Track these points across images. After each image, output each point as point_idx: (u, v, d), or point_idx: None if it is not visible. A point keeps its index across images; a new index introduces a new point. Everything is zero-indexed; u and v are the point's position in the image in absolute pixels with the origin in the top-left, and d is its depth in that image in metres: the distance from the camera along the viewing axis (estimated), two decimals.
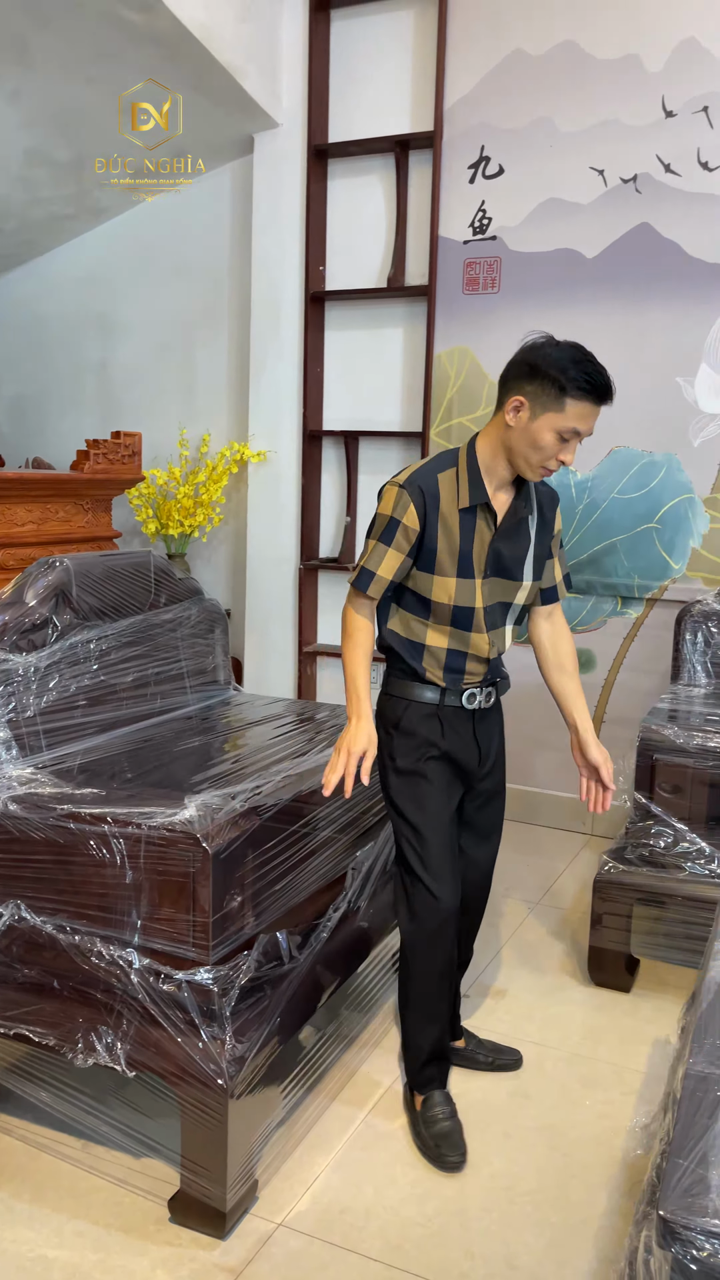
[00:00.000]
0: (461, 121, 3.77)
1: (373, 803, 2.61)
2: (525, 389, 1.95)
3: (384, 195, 4.02)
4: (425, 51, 3.83)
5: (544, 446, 1.96)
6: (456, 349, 3.91)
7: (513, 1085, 2.35)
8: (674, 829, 2.76)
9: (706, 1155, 1.23)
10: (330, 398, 4.25)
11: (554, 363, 1.92)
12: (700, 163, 3.44)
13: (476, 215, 3.80)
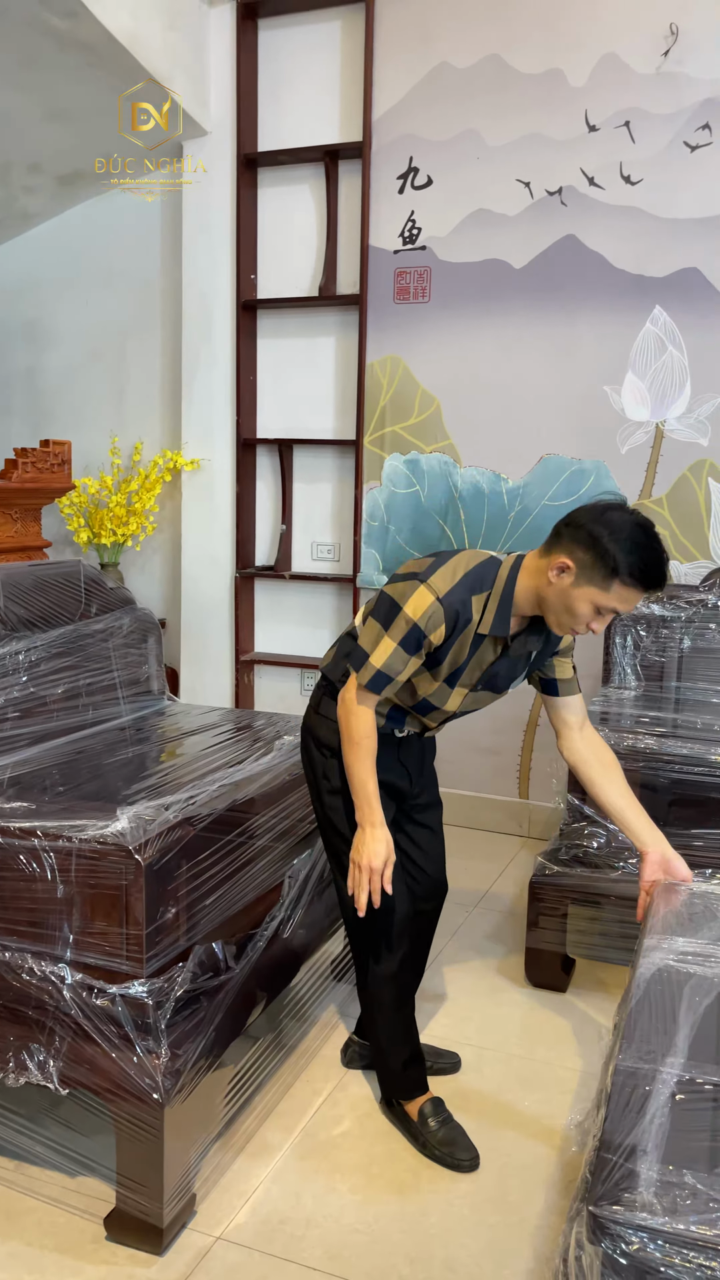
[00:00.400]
0: (390, 132, 3.80)
1: (309, 810, 2.61)
2: (577, 555, 1.85)
3: (314, 204, 4.03)
4: (353, 62, 3.86)
5: (579, 615, 1.90)
6: (389, 358, 3.93)
7: (451, 1088, 2.36)
8: (606, 829, 2.80)
9: (635, 1150, 1.25)
10: (264, 405, 4.25)
11: (616, 542, 1.81)
12: (623, 176, 3.51)
13: (406, 225, 3.84)
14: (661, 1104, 1.34)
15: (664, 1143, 1.26)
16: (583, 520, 1.87)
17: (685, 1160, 1.24)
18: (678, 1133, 1.30)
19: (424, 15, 3.70)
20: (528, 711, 3.93)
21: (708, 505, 3.57)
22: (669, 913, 1.95)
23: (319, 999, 2.73)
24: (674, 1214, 1.15)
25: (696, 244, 3.45)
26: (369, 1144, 2.18)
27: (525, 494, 3.81)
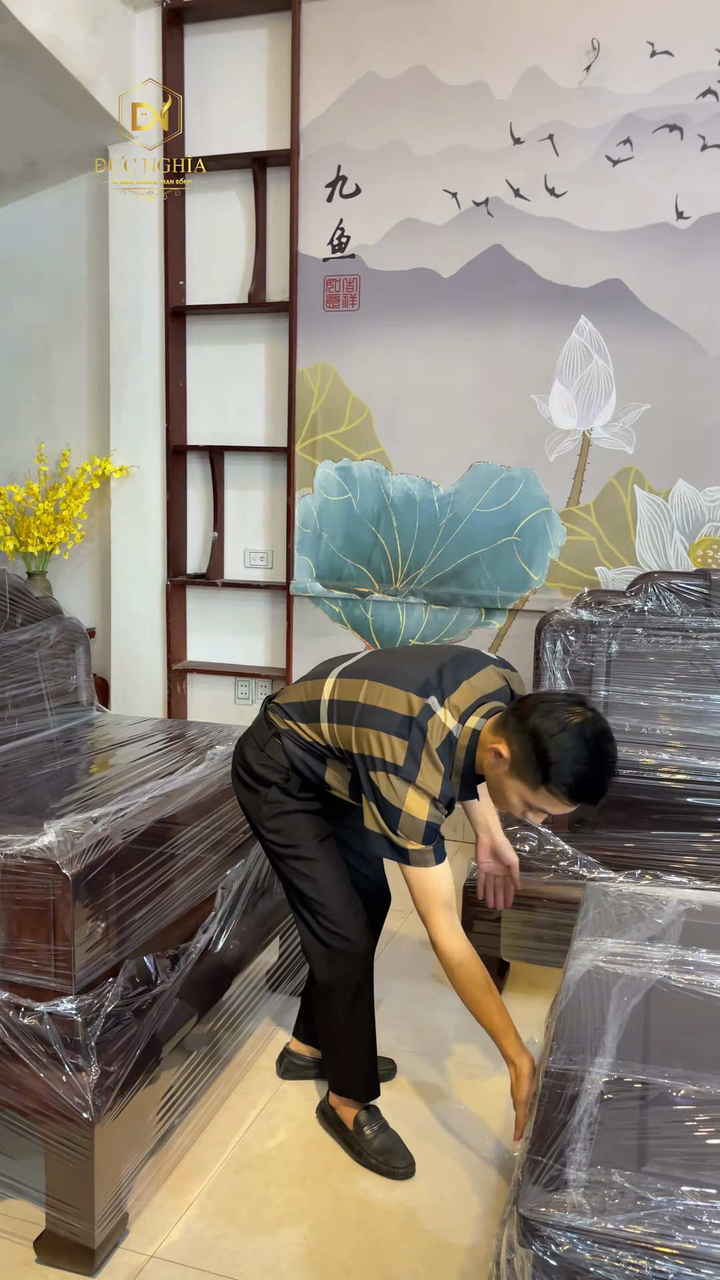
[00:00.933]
0: (318, 141, 3.81)
1: (243, 820, 2.59)
2: (513, 748, 1.83)
3: (243, 211, 4.02)
4: (280, 71, 3.86)
5: (510, 803, 1.90)
6: (319, 365, 3.94)
7: (387, 1096, 2.35)
8: (539, 833, 2.83)
9: (564, 1152, 1.26)
10: (194, 412, 4.22)
11: (556, 747, 1.78)
12: (548, 189, 3.57)
13: (335, 233, 3.85)
14: (590, 1104, 1.35)
15: (593, 1143, 1.28)
16: (531, 713, 1.83)
17: (614, 1160, 1.25)
18: (607, 1132, 1.31)
19: (350, 26, 3.71)
20: None
21: (633, 512, 3.63)
22: (598, 914, 1.97)
23: (254, 1010, 2.70)
24: (602, 1214, 1.16)
25: (620, 256, 3.52)
26: (305, 1155, 2.17)
27: (456, 501, 3.84)
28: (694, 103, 3.38)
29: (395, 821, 1.90)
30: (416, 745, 1.89)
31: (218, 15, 3.90)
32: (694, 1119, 1.35)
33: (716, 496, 3.55)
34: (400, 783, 1.88)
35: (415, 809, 1.89)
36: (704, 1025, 1.60)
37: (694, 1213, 1.17)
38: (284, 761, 2.10)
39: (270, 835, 2.13)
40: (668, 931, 1.89)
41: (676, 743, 2.90)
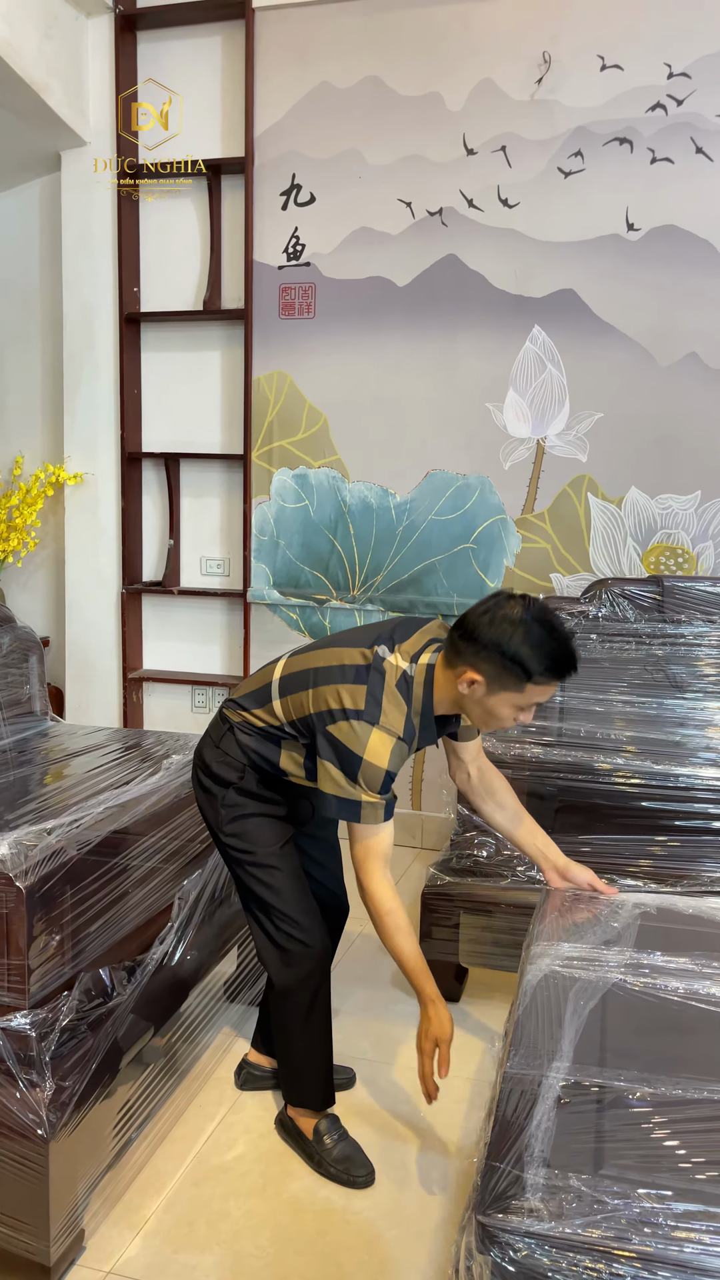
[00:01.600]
0: (272, 149, 3.81)
1: (199, 829, 2.57)
2: (483, 668, 1.86)
3: (197, 218, 4.01)
4: (234, 78, 3.86)
5: (502, 717, 1.92)
6: (275, 373, 3.93)
7: (346, 1105, 2.35)
8: (495, 839, 2.84)
9: (522, 1157, 1.27)
10: (149, 419, 4.20)
11: (518, 646, 1.83)
12: (501, 199, 3.60)
13: (290, 241, 3.85)
14: (548, 1109, 1.36)
15: (550, 1147, 1.28)
16: (478, 630, 1.86)
17: (571, 1164, 1.26)
18: (564, 1136, 1.32)
19: (303, 34, 3.72)
20: None
21: (587, 520, 3.67)
22: (554, 918, 1.99)
23: (212, 1021, 2.69)
24: (560, 1218, 1.17)
25: (572, 266, 3.56)
26: (264, 1166, 2.15)
27: (413, 509, 3.85)
28: (643, 116, 3.43)
29: (355, 769, 1.90)
30: (376, 686, 1.91)
31: (171, 22, 3.89)
32: (650, 1121, 1.36)
33: (668, 504, 3.59)
34: (363, 726, 1.89)
35: (377, 754, 1.89)
36: (659, 1028, 1.61)
37: (650, 1215, 1.18)
38: (239, 756, 2.09)
39: (229, 840, 2.12)
40: (623, 935, 1.90)
41: (631, 748, 2.93)
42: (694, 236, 3.44)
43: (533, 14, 3.48)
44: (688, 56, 3.36)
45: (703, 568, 3.59)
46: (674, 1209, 1.21)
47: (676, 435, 3.54)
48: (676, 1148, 1.32)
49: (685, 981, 1.73)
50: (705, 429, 3.51)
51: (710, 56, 3.34)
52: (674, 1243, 1.17)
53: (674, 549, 3.62)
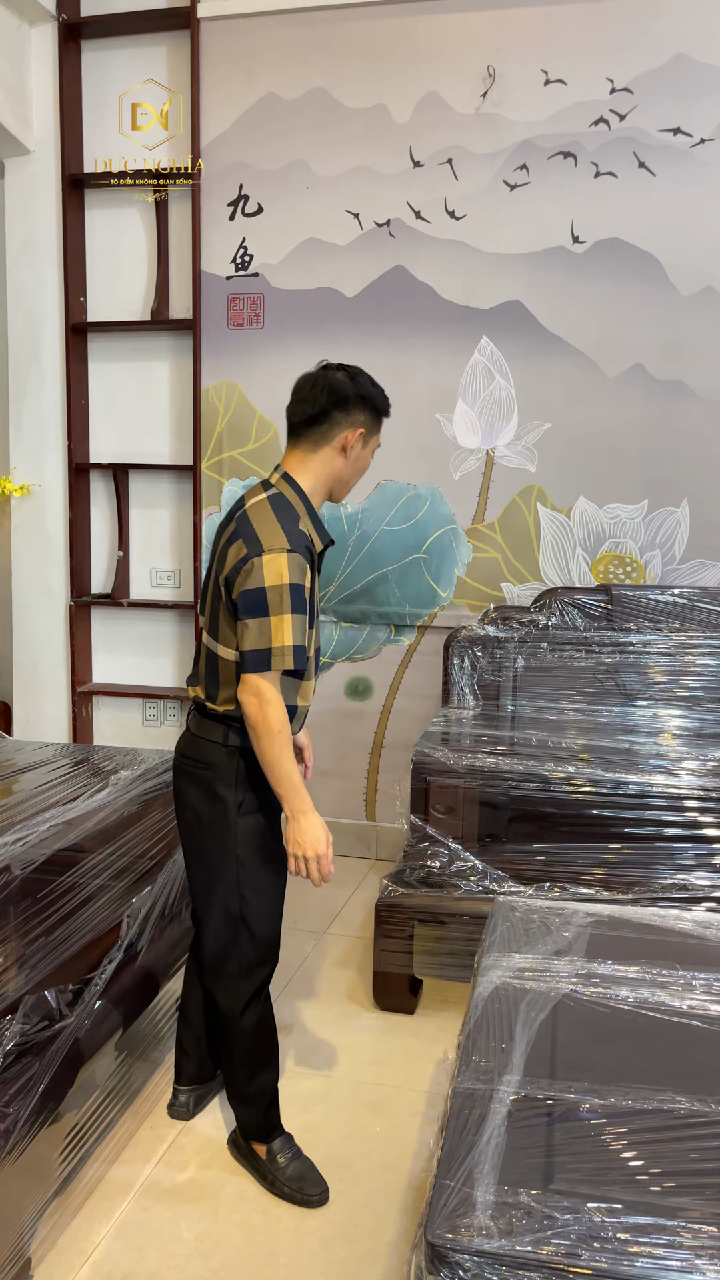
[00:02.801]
0: (219, 159, 3.80)
1: (149, 845, 2.54)
2: (362, 419, 2.04)
3: (144, 228, 3.98)
4: (180, 88, 3.84)
5: (367, 465, 2.12)
6: (224, 383, 3.91)
7: (300, 1121, 2.33)
8: (449, 849, 2.84)
9: (472, 1174, 1.26)
10: (97, 430, 4.15)
11: (374, 392, 2.07)
12: (448, 211, 3.62)
13: (238, 252, 3.83)
14: (498, 1124, 1.35)
15: (500, 1163, 1.27)
16: (355, 394, 2.03)
17: (521, 1179, 1.25)
18: (514, 1151, 1.31)
19: (249, 46, 3.72)
20: (373, 734, 3.96)
21: (537, 529, 3.69)
22: (506, 929, 1.98)
23: (163, 1040, 2.64)
24: (510, 1235, 1.16)
25: (519, 278, 3.58)
26: (216, 1187, 2.12)
27: (364, 519, 3.85)
28: (587, 131, 3.47)
29: (264, 603, 1.90)
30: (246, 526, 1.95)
31: (115, 31, 3.86)
32: (600, 1133, 1.36)
33: (616, 513, 3.63)
34: (255, 563, 1.90)
35: (277, 573, 1.89)
36: (610, 1038, 1.61)
37: (599, 1229, 1.18)
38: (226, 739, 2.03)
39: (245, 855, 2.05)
40: (574, 945, 1.91)
41: (583, 756, 2.94)
42: (638, 250, 3.48)
43: (477, 28, 3.51)
44: (629, 72, 3.41)
45: (650, 576, 3.63)
46: (625, 1222, 1.20)
47: (623, 446, 3.58)
48: (627, 1160, 1.32)
49: (636, 990, 1.73)
50: (651, 439, 3.55)
51: (651, 73, 3.39)
52: (625, 1257, 1.16)
53: (622, 558, 3.65)
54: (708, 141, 3.38)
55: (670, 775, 2.81)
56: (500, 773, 2.86)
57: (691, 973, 1.79)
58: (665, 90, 3.39)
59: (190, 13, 3.72)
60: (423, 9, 3.54)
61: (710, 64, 3.34)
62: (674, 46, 3.36)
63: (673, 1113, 1.41)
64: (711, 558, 3.57)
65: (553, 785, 2.85)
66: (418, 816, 2.88)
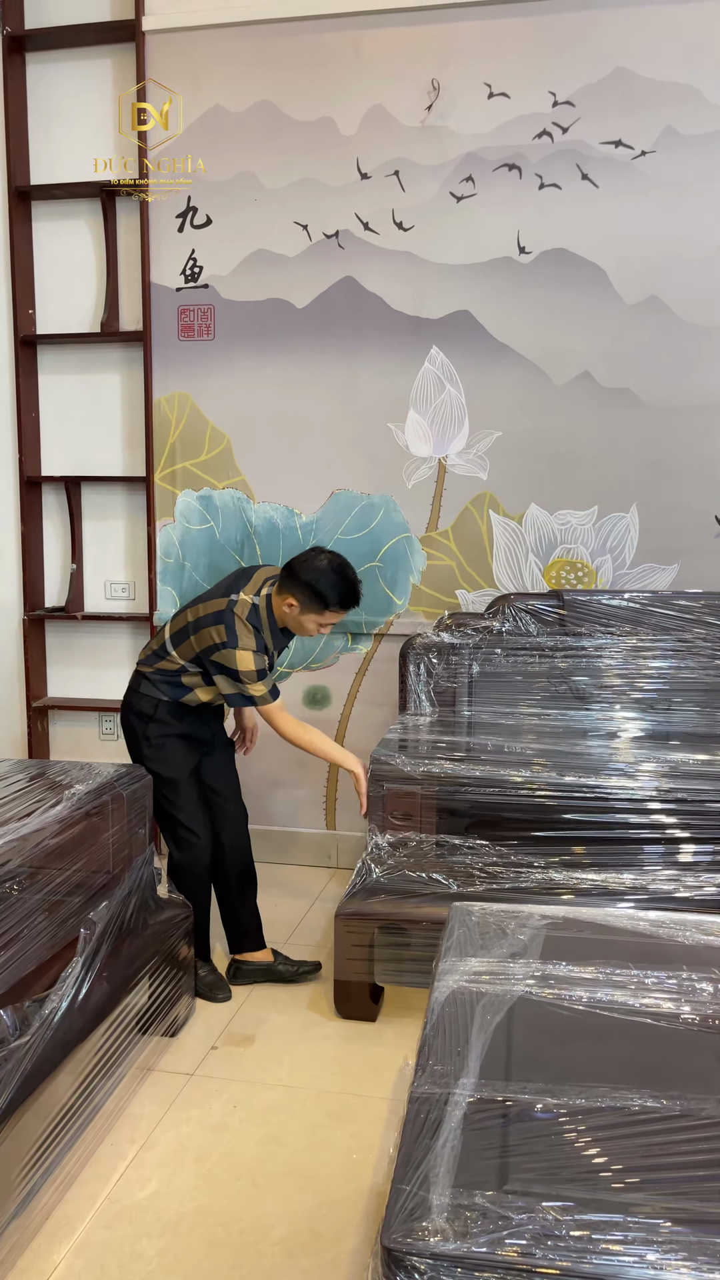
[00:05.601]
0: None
1: (106, 859, 2.52)
2: (297, 595, 2.83)
3: (93, 240, 3.97)
4: (127, 99, 3.84)
5: (308, 629, 2.90)
6: (176, 394, 3.91)
7: (262, 1132, 2.33)
8: (407, 855, 2.85)
9: (428, 1177, 1.26)
10: (48, 443, 4.13)
11: (321, 585, 2.79)
12: (395, 222, 3.65)
13: (187, 264, 3.84)
14: (454, 1127, 1.36)
15: (456, 1166, 1.28)
16: (298, 570, 2.83)
17: (476, 1181, 1.26)
18: (470, 1154, 1.32)
19: (194, 59, 3.73)
20: None
21: (490, 536, 3.73)
22: (462, 934, 1.99)
23: (123, 1055, 2.62)
24: (465, 1237, 1.17)
25: (467, 288, 3.62)
26: (178, 1203, 2.11)
27: (319, 528, 3.86)
28: (530, 143, 3.52)
29: (237, 676, 2.83)
30: (230, 623, 2.82)
31: (60, 44, 3.85)
32: (555, 1132, 1.37)
33: (567, 520, 3.67)
34: (230, 651, 2.82)
35: (245, 662, 2.82)
36: (565, 1038, 1.63)
37: (554, 1228, 1.19)
38: (154, 695, 2.96)
39: (150, 762, 2.93)
40: (530, 947, 1.92)
41: (540, 760, 2.97)
42: (583, 260, 3.53)
43: (421, 43, 3.55)
44: (571, 86, 3.47)
45: (602, 581, 3.68)
46: (579, 1219, 1.22)
47: (573, 453, 3.63)
48: (582, 1158, 1.34)
49: (590, 990, 1.75)
50: (600, 446, 3.61)
51: (591, 86, 3.45)
52: (580, 1254, 1.18)
53: (574, 563, 3.69)
54: (648, 154, 3.45)
55: (627, 778, 2.84)
56: (458, 778, 2.88)
57: (645, 971, 1.82)
58: (606, 103, 3.45)
59: (135, 26, 3.72)
60: (367, 23, 3.58)
61: (649, 77, 3.41)
62: (613, 60, 3.43)
63: (626, 1110, 1.43)
64: (661, 562, 3.63)
65: (510, 790, 2.87)
66: (376, 823, 2.89)
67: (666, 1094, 1.46)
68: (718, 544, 3.58)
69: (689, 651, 3.34)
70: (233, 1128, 2.36)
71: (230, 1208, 2.09)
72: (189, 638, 2.88)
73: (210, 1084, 2.54)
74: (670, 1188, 1.29)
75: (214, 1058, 2.65)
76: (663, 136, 3.43)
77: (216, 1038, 2.74)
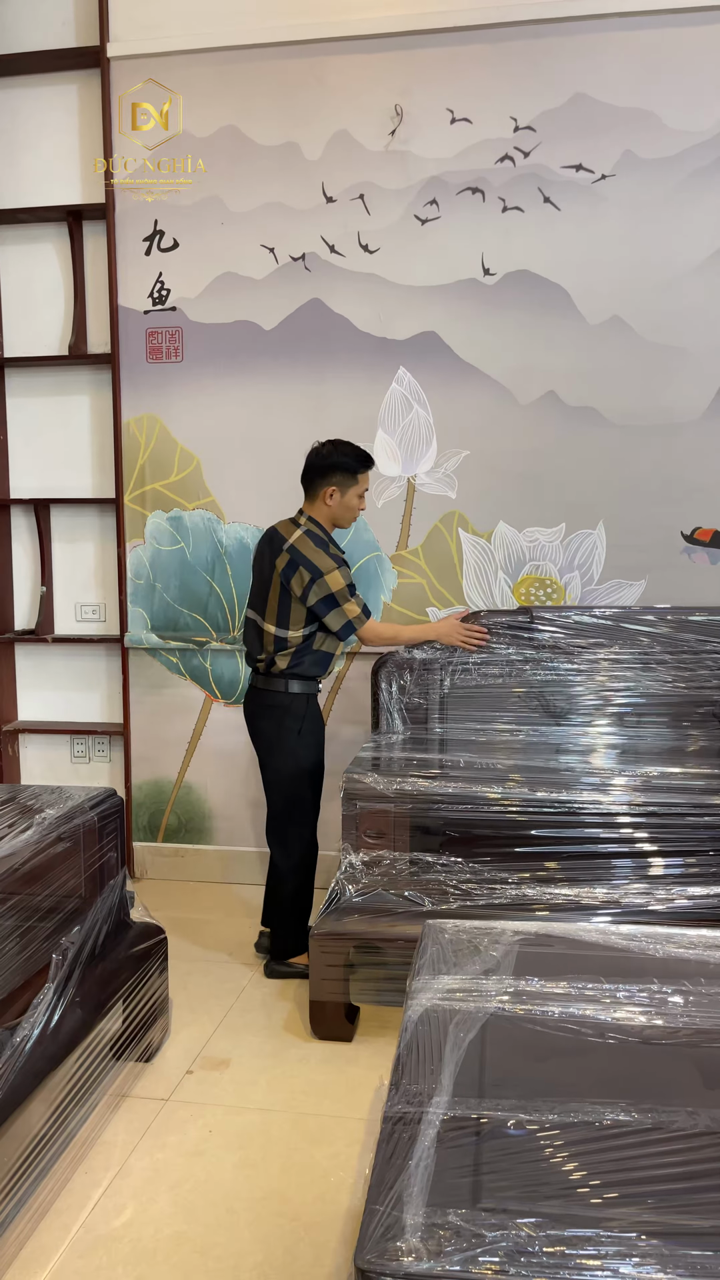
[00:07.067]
0: (133, 196, 3.82)
1: (77, 883, 2.51)
2: (330, 483, 3.10)
3: (60, 263, 3.98)
4: (92, 125, 3.86)
5: (351, 506, 3.14)
6: (145, 416, 3.92)
7: (238, 1157, 2.31)
8: (381, 874, 2.85)
9: (402, 1197, 1.26)
10: (16, 465, 4.12)
11: (340, 459, 3.09)
12: (361, 245, 3.69)
13: (155, 286, 3.85)
14: (428, 1146, 1.36)
15: (429, 1185, 1.29)
16: (315, 468, 3.12)
17: (450, 1200, 1.27)
18: (443, 1172, 1.32)
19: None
20: None
21: (459, 554, 3.76)
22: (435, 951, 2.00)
23: (97, 1082, 2.60)
24: (439, 1256, 1.17)
25: (432, 309, 3.66)
26: (153, 1230, 2.09)
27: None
28: (493, 167, 3.57)
29: (336, 599, 3.06)
30: (305, 559, 3.05)
31: (24, 70, 3.86)
32: (528, 1149, 1.38)
33: (535, 537, 3.71)
34: (321, 580, 3.05)
35: (337, 581, 3.05)
36: (537, 1054, 1.64)
37: (527, 1244, 1.19)
38: (285, 689, 3.15)
39: (306, 751, 3.17)
40: (502, 963, 1.93)
41: (514, 776, 2.99)
42: (547, 281, 3.58)
43: (384, 69, 3.60)
44: (531, 111, 3.52)
45: (570, 597, 3.71)
46: (553, 1235, 1.22)
47: (540, 471, 3.67)
48: (555, 1173, 1.34)
49: (563, 1005, 1.76)
50: (566, 464, 3.65)
51: (551, 111, 3.51)
52: (555, 1270, 1.18)
53: (543, 580, 3.73)
54: (608, 177, 3.51)
55: (598, 792, 2.87)
56: (431, 796, 2.89)
57: (617, 985, 1.83)
58: (566, 128, 3.51)
59: (100, 52, 3.75)
60: (330, 49, 3.62)
61: (608, 103, 3.47)
62: (573, 86, 3.49)
63: (598, 1124, 1.43)
64: (628, 577, 3.67)
65: (483, 806, 2.89)
66: (350, 842, 2.89)
67: (639, 1107, 1.47)
68: (684, 559, 3.62)
69: (657, 666, 3.38)
70: (209, 1153, 2.34)
71: (206, 1235, 2.07)
72: (289, 606, 3.09)
73: (186, 1109, 2.52)
74: (644, 1201, 1.30)
75: (189, 1082, 2.63)
76: (622, 160, 3.49)
77: (192, 1062, 2.73)
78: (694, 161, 3.46)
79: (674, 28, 3.42)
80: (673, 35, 3.42)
